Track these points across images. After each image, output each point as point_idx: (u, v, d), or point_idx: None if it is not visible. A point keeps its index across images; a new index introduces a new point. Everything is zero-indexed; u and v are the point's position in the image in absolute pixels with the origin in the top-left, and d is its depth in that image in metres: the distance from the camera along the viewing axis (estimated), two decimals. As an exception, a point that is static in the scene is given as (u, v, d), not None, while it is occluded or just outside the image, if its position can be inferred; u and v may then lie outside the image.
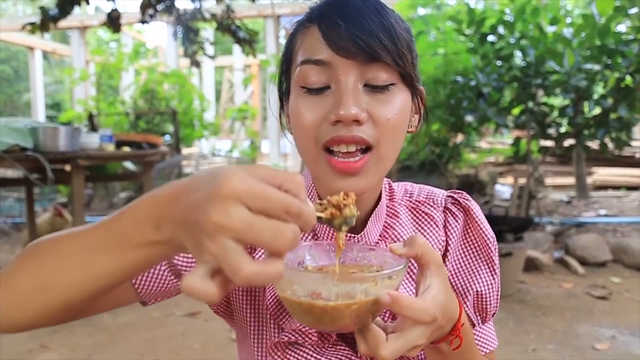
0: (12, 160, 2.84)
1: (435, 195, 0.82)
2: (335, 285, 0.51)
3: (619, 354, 2.70)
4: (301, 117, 0.67)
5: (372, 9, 0.65)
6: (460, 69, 5.08)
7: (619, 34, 4.28)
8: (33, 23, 4.34)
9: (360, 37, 0.63)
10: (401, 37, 0.66)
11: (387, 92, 0.66)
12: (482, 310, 0.78)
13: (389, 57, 0.64)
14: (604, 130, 4.46)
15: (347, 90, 0.64)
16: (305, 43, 0.68)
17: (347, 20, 0.64)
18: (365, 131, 0.64)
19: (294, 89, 0.69)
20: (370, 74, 0.65)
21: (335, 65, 0.65)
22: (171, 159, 6.92)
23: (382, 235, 0.76)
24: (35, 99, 11.99)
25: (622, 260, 4.26)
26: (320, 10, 0.68)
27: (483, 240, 0.78)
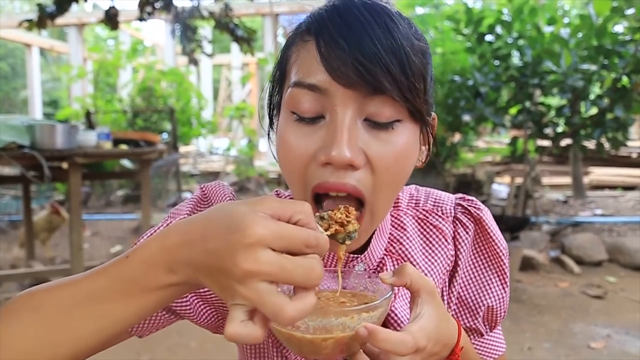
0: (9, 158, 2.83)
1: (444, 202, 0.75)
2: (312, 320, 0.51)
3: (614, 353, 2.71)
4: (289, 149, 0.58)
5: (383, 26, 0.55)
6: (458, 69, 5.09)
7: (615, 34, 4.30)
8: (30, 20, 4.33)
9: (364, 64, 0.53)
10: (414, 64, 0.56)
11: (391, 131, 0.57)
12: (491, 321, 0.76)
13: (396, 91, 0.54)
14: (600, 131, 4.47)
15: (343, 128, 0.54)
16: (300, 59, 0.58)
17: (350, 39, 0.54)
18: (359, 178, 0.56)
19: (283, 111, 0.60)
20: (373, 108, 0.56)
21: (332, 94, 0.55)
22: (169, 157, 6.92)
23: (388, 249, 0.71)
24: (33, 96, 11.97)
25: (617, 259, 4.28)
26: (320, 23, 0.57)
27: (494, 251, 0.73)
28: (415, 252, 0.71)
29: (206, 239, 0.44)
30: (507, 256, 0.75)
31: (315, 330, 0.51)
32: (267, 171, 8.87)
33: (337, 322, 0.51)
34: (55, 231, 4.54)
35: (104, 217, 6.46)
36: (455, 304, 0.74)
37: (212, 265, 0.43)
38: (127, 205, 7.22)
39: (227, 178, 8.89)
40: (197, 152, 11.50)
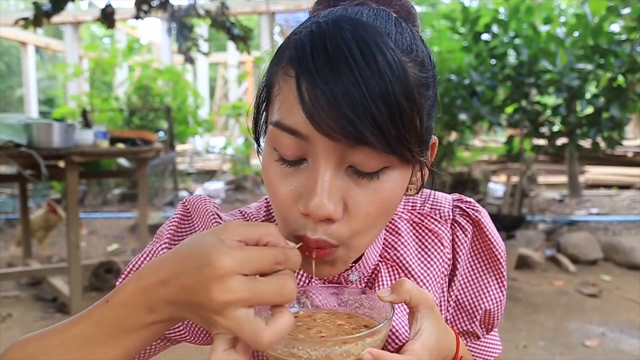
0: (6, 157, 2.83)
1: (442, 205, 0.73)
2: (314, 350, 0.50)
3: (609, 351, 2.74)
4: (272, 188, 0.56)
5: (373, 65, 0.48)
6: (454, 68, 5.10)
7: (611, 33, 4.32)
8: (26, 18, 4.31)
9: (348, 117, 0.47)
10: (405, 112, 0.49)
11: (376, 180, 0.53)
12: (488, 323, 0.75)
13: (383, 145, 0.49)
14: (596, 130, 4.50)
15: (324, 179, 0.50)
16: (282, 95, 0.53)
17: (335, 83, 0.48)
18: (334, 232, 0.53)
19: (268, 146, 0.56)
20: (357, 158, 0.51)
21: (313, 141, 0.51)
22: (165, 155, 6.91)
23: (382, 255, 0.69)
24: (28, 94, 11.93)
25: (612, 258, 4.30)
26: (303, 59, 0.50)
27: (493, 254, 0.73)
28: (411, 258, 0.70)
29: (179, 276, 0.45)
30: (505, 258, 0.74)
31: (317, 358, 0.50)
32: (264, 170, 8.88)
33: (341, 351, 0.50)
34: (52, 230, 4.53)
35: (101, 215, 6.45)
36: (453, 308, 0.74)
37: (190, 301, 0.45)
38: (123, 204, 7.21)
39: (224, 176, 8.89)
40: (193, 151, 11.49)
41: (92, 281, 3.64)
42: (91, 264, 3.68)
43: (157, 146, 3.94)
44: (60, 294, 3.38)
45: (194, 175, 9.43)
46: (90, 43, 13.15)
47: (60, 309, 3.32)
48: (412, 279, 0.69)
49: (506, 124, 5.02)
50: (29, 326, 3.08)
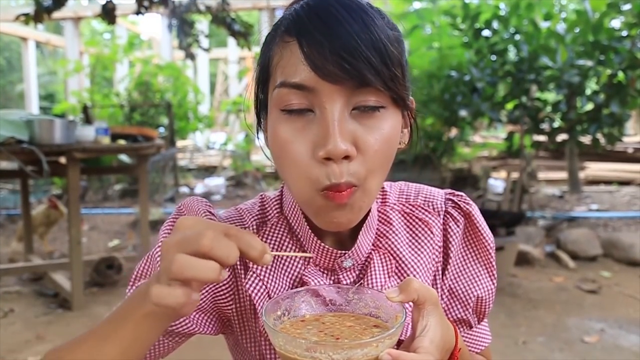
0: (8, 153, 2.83)
1: (434, 198, 0.78)
2: (337, 353, 0.51)
3: (607, 346, 2.75)
4: (285, 147, 0.60)
5: (359, 21, 0.57)
6: (455, 64, 5.11)
7: (612, 30, 4.32)
8: (27, 14, 4.30)
9: (347, 60, 0.55)
10: (393, 55, 0.59)
11: (377, 117, 0.60)
12: (480, 312, 0.78)
13: (380, 82, 0.57)
14: (596, 126, 4.50)
15: (334, 122, 0.57)
16: (284, 60, 0.60)
17: (332, 38, 0.56)
18: (354, 171, 0.59)
19: (273, 111, 0.62)
20: (359, 99, 0.59)
21: (319, 91, 0.57)
22: (166, 151, 6.92)
23: (375, 244, 0.73)
24: (29, 90, 11.91)
25: (612, 254, 4.31)
26: (300, 24, 0.59)
27: (483, 245, 0.77)
28: (402, 246, 0.73)
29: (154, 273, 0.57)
30: (494, 248, 0.78)
31: None
32: (264, 165, 8.88)
33: (362, 353, 0.51)
34: (53, 225, 4.54)
35: (102, 211, 6.46)
36: (447, 296, 0.76)
37: None
38: (124, 200, 7.22)
39: (224, 172, 8.89)
40: (194, 147, 11.49)
41: (93, 277, 3.66)
42: (92, 259, 3.69)
43: (157, 142, 3.94)
44: (61, 289, 3.39)
45: (195, 171, 9.43)
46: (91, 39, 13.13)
47: (61, 304, 3.34)
48: (403, 265, 0.72)
49: (506, 120, 5.03)
50: (30, 321, 3.09)
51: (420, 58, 5.40)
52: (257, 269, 0.69)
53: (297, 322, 0.61)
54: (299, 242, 0.72)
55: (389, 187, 0.79)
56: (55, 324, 3.03)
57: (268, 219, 0.74)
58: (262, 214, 0.75)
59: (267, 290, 0.69)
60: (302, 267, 0.71)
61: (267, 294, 0.69)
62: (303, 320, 0.61)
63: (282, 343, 0.54)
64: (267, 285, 0.69)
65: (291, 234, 0.72)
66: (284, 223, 0.73)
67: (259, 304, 0.69)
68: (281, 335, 0.54)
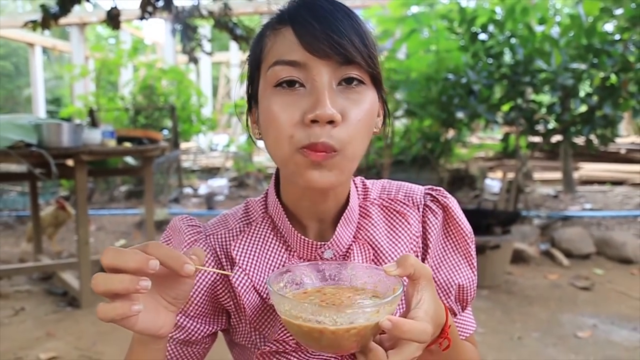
0: (17, 156, 2.87)
1: (414, 193, 0.82)
2: (340, 317, 0.53)
3: (600, 341, 2.77)
4: (276, 116, 0.65)
5: (342, 11, 0.65)
6: (452, 67, 5.12)
7: (604, 33, 4.34)
8: (34, 21, 4.34)
9: (335, 39, 0.63)
10: (370, 39, 0.67)
11: (359, 92, 0.66)
12: (462, 300, 0.81)
13: (362, 59, 0.64)
14: (589, 127, 4.52)
15: (324, 90, 0.63)
16: (277, 44, 0.66)
17: (321, 21, 0.64)
18: (336, 135, 0.63)
19: (266, 91, 0.67)
20: (343, 73, 0.65)
21: (310, 67, 0.64)
22: (170, 153, 6.95)
23: (355, 236, 0.76)
24: (36, 94, 11.96)
25: (605, 252, 4.34)
26: (293, 12, 0.66)
27: (461, 236, 0.80)
28: (380, 237, 0.76)
29: None
30: (473, 240, 0.81)
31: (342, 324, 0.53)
32: (266, 167, 8.90)
33: (364, 318, 0.53)
34: (61, 226, 4.57)
35: (108, 212, 6.49)
36: None
37: None
38: (130, 201, 7.25)
39: (227, 173, 8.92)
40: (197, 149, 11.51)
41: (100, 276, 3.68)
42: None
43: (162, 145, 3.97)
44: (70, 288, 3.42)
45: (198, 173, 9.46)
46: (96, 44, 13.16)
47: (70, 302, 3.37)
48: (380, 254, 0.76)
49: (502, 122, 5.04)
50: (41, 319, 3.12)
51: (418, 61, 5.41)
52: (242, 264, 0.73)
53: (300, 294, 0.64)
54: (283, 237, 0.76)
55: (371, 185, 0.83)
56: (65, 322, 3.06)
57: (253, 220, 0.79)
58: (246, 217, 0.80)
59: (253, 283, 0.73)
60: (285, 259, 0.75)
61: (252, 287, 0.73)
62: (305, 292, 0.64)
63: (288, 308, 0.55)
64: (252, 279, 0.73)
65: (275, 231, 0.76)
66: (268, 222, 0.77)
67: (245, 297, 0.72)
68: (287, 300, 0.56)
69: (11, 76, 16.98)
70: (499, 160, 8.44)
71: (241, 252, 0.74)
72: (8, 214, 6.04)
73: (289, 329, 0.57)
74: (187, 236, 0.77)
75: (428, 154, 6.33)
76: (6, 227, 5.71)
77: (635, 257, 4.18)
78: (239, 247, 0.74)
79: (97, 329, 2.96)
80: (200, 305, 0.77)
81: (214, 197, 7.05)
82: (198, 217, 0.85)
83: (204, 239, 0.78)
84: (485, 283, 3.65)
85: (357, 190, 0.80)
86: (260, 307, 0.74)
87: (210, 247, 0.77)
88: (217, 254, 0.77)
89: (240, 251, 0.74)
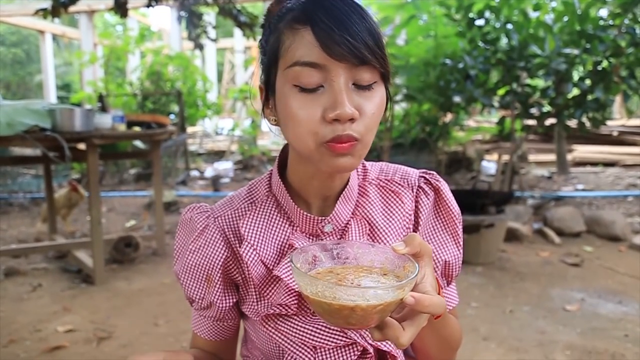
0: (32, 140, 2.90)
1: (409, 175, 0.87)
2: (374, 297, 0.54)
3: (587, 314, 2.83)
4: (298, 115, 0.68)
5: (357, 13, 0.67)
6: (449, 52, 5.11)
7: (597, 19, 4.32)
8: (44, 9, 4.33)
9: (352, 43, 0.65)
10: (381, 40, 0.69)
11: (371, 90, 0.69)
12: (448, 276, 0.86)
13: (375, 61, 0.67)
14: (581, 111, 4.53)
15: (342, 92, 0.66)
16: (296, 44, 0.68)
17: (338, 25, 0.65)
18: (356, 129, 0.68)
19: (286, 87, 0.69)
20: (358, 75, 0.68)
21: (328, 68, 0.66)
22: (177, 137, 6.97)
23: (354, 213, 0.81)
24: (47, 80, 11.94)
25: (595, 230, 4.38)
26: (311, 13, 0.67)
27: (450, 216, 0.85)
28: (376, 213, 0.81)
29: None
30: (461, 221, 0.86)
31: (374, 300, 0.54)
32: (270, 150, 8.93)
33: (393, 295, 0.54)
34: (74, 207, 4.63)
35: (118, 194, 6.54)
36: None
37: None
38: (139, 183, 7.30)
39: (232, 157, 8.95)
40: (203, 133, 11.53)
41: (112, 254, 3.75)
42: (111, 238, 3.78)
43: (170, 129, 3.99)
44: (84, 266, 3.49)
45: (204, 156, 9.50)
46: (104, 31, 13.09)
47: (85, 279, 3.44)
48: (375, 229, 0.81)
49: (498, 106, 5.05)
50: (57, 295, 3.19)
51: (416, 47, 5.40)
52: (250, 239, 0.78)
53: (315, 275, 0.64)
54: (286, 214, 0.81)
55: (370, 166, 0.87)
56: (80, 297, 3.13)
57: (256, 199, 0.83)
58: (250, 197, 0.84)
59: (260, 257, 0.78)
60: (289, 233, 0.79)
61: (260, 260, 0.78)
62: (319, 272, 0.64)
63: (321, 289, 0.56)
64: (259, 252, 0.78)
65: (279, 208, 0.81)
66: (272, 200, 0.82)
67: (253, 269, 0.77)
68: (322, 283, 0.56)
69: (22, 63, 16.93)
70: (495, 143, 8.45)
71: (249, 229, 0.79)
72: (23, 196, 6.10)
73: (314, 306, 0.58)
74: (198, 224, 0.82)
75: (427, 137, 6.34)
76: (22, 208, 5.78)
77: (623, 235, 4.22)
78: (246, 225, 0.79)
79: (110, 304, 3.03)
80: (220, 283, 0.82)
81: (219, 179, 7.09)
82: (205, 199, 0.91)
83: (213, 222, 0.82)
84: (479, 260, 3.70)
85: (357, 171, 0.85)
86: (267, 277, 0.79)
87: (219, 227, 0.82)
88: (226, 234, 0.82)
89: (247, 228, 0.79)
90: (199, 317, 0.88)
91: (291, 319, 0.79)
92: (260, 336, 0.84)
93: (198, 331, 0.89)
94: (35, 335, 2.61)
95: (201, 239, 0.81)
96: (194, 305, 0.86)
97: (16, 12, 10.16)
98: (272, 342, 0.82)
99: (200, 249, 0.81)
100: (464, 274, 3.49)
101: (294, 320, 0.78)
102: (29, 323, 2.76)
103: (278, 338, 0.79)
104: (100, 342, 2.54)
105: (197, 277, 0.82)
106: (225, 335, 0.89)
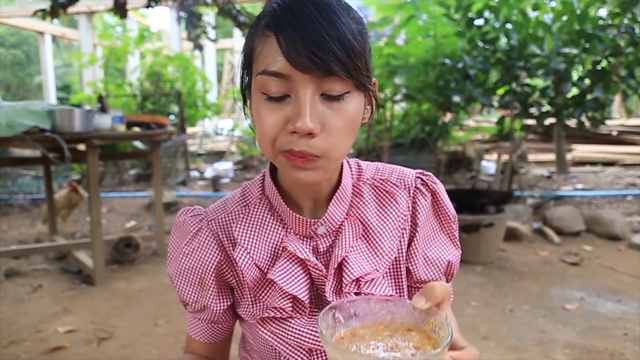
0: (32, 141, 2.90)
1: (406, 176, 0.86)
2: None
3: (586, 313, 2.83)
4: (263, 122, 0.68)
5: (328, 19, 0.63)
6: (449, 52, 5.11)
7: (596, 19, 4.32)
8: (44, 10, 4.34)
9: (316, 54, 0.62)
10: (355, 48, 0.65)
11: (342, 101, 0.66)
12: (449, 274, 0.87)
13: (344, 72, 0.64)
14: (580, 110, 4.53)
15: (305, 104, 0.64)
16: (264, 51, 0.67)
17: (304, 34, 0.62)
18: (315, 145, 0.65)
19: (255, 93, 0.69)
20: (327, 86, 0.65)
21: (293, 79, 0.64)
22: (177, 138, 6.98)
23: (348, 214, 0.80)
24: (46, 81, 11.94)
25: (594, 230, 4.38)
26: (277, 21, 0.65)
27: (447, 218, 0.85)
28: (370, 214, 0.80)
29: None
30: (457, 223, 0.86)
31: None
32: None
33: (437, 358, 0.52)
34: (74, 208, 4.63)
35: (118, 194, 6.54)
36: (423, 262, 0.83)
37: None
38: (139, 184, 7.30)
39: (232, 157, 8.95)
40: (203, 133, 11.54)
41: (113, 255, 3.75)
42: (111, 239, 3.78)
43: (169, 129, 4.00)
44: (84, 266, 3.49)
45: (204, 156, 9.50)
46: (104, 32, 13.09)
47: (85, 280, 3.44)
48: (369, 230, 0.79)
49: (498, 105, 5.05)
50: (57, 295, 3.19)
51: (416, 47, 5.40)
52: (243, 242, 0.78)
53: (338, 340, 0.58)
54: (279, 216, 0.80)
55: (366, 166, 0.86)
56: (80, 298, 3.14)
57: (250, 202, 0.83)
58: (243, 200, 0.84)
59: (253, 260, 0.77)
60: (282, 235, 0.79)
61: (253, 263, 0.77)
62: (342, 338, 0.59)
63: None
64: (253, 256, 0.77)
65: (272, 210, 0.80)
66: (265, 202, 0.81)
67: (247, 273, 0.77)
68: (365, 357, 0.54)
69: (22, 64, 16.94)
70: (494, 143, 8.45)
71: (242, 233, 0.78)
72: (23, 197, 6.10)
73: None
74: (191, 227, 0.82)
75: (426, 137, 6.34)
76: (22, 209, 5.78)
77: (622, 234, 4.23)
78: (239, 228, 0.79)
79: (110, 304, 3.03)
80: (213, 286, 0.82)
81: (219, 179, 7.10)
82: (205, 199, 0.91)
83: (206, 225, 0.82)
84: (479, 259, 3.70)
85: (352, 170, 0.84)
86: (261, 280, 0.78)
87: (212, 231, 0.82)
88: (219, 237, 0.82)
89: (240, 231, 0.78)
90: (193, 320, 0.88)
91: (286, 322, 0.78)
92: (256, 338, 0.84)
93: (192, 333, 0.89)
94: (35, 336, 2.61)
95: (194, 242, 0.81)
96: (188, 307, 0.86)
97: (16, 13, 10.17)
98: (267, 345, 0.82)
99: (193, 252, 0.81)
100: (463, 273, 3.49)
101: (289, 322, 0.78)
102: (30, 324, 2.76)
103: (273, 340, 0.79)
104: (101, 342, 2.54)
105: (190, 280, 0.82)
106: (220, 337, 0.89)
